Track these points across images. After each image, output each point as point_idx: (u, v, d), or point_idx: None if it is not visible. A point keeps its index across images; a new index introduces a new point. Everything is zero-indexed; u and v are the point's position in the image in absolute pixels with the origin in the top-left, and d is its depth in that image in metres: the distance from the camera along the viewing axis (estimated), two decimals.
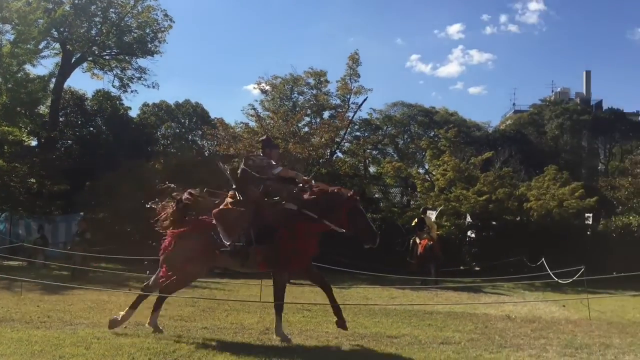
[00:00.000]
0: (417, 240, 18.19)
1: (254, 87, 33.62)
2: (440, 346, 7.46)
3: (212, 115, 40.30)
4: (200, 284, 15.19)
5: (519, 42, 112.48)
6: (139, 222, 22.87)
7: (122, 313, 7.58)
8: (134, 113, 38.74)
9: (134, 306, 7.60)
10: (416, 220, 19.14)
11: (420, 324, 9.31)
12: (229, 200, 7.49)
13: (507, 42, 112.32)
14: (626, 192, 20.69)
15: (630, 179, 21.32)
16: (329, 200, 7.36)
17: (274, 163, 7.65)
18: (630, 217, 21.82)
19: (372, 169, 39.04)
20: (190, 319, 9.11)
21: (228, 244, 7.15)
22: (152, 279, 7.80)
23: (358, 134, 37.19)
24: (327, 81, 31.23)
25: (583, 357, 7.13)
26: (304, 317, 9.72)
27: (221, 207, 7.39)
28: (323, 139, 23.27)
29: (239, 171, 7.65)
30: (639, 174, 21.44)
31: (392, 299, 13.55)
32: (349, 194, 7.50)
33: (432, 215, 23.55)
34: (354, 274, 16.12)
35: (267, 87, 31.54)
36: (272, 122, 24.03)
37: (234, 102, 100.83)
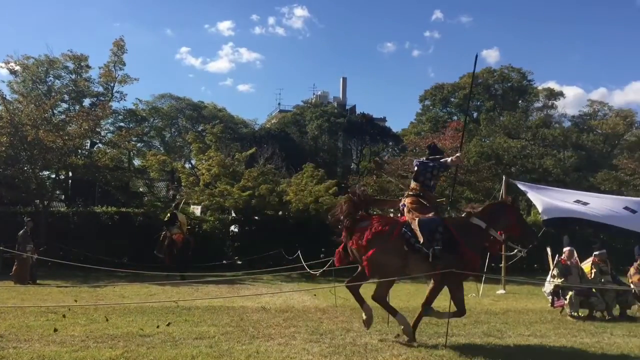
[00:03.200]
0: (168, 235, 18.01)
1: (1, 67, 29.83)
2: (194, 341, 7.44)
3: None
4: None
5: (286, 44, 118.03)
6: None
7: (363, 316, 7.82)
8: None
9: (361, 301, 7.87)
10: (168, 215, 18.90)
11: (176, 320, 9.17)
12: (413, 206, 7.65)
13: (275, 44, 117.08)
14: (371, 190, 22.99)
15: (375, 178, 23.74)
16: (497, 211, 7.96)
17: (445, 160, 8.08)
18: (374, 213, 24.31)
19: (136, 162, 37.55)
20: None
21: (429, 248, 7.28)
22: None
23: (122, 124, 35.49)
24: (88, 67, 29.21)
25: (326, 341, 7.71)
26: (48, 320, 8.91)
27: (415, 213, 7.53)
28: (82, 128, 21.59)
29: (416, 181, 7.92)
30: (382, 173, 24.00)
31: (151, 296, 13.12)
32: (509, 202, 8.28)
33: (197, 210, 23.49)
34: (112, 271, 15.33)
35: (17, 68, 28.28)
36: (21, 106, 21.57)
37: None
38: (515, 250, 8.22)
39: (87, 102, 29.31)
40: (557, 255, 11.65)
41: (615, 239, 20.83)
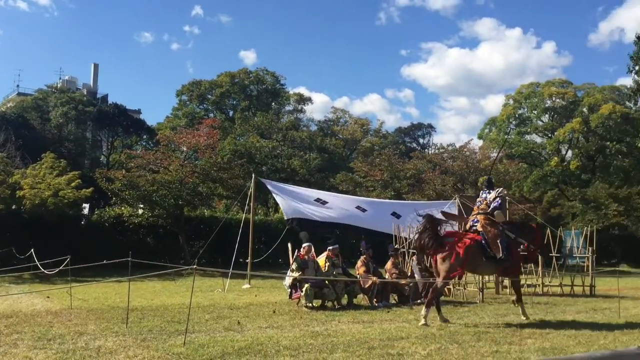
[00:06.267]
0: None
1: None
2: None
3: None
4: None
5: (28, 21, 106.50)
6: None
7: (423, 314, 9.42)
8: None
9: (428, 305, 9.57)
10: None
11: None
12: (486, 222, 10.14)
13: (15, 19, 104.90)
14: (120, 184, 21.85)
15: (124, 172, 22.68)
16: (529, 229, 10.97)
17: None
18: (123, 208, 23.23)
19: None
20: None
21: (500, 255, 9.79)
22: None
23: None
24: None
25: (54, 347, 7.09)
26: None
27: (487, 227, 10.07)
28: None
29: (494, 204, 10.40)
30: (133, 167, 23.00)
31: None
32: (535, 224, 11.84)
33: None
34: None
35: None
36: None
37: None
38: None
39: None
40: (297, 250, 12.42)
41: (348, 235, 23.11)
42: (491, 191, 10.73)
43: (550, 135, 45.66)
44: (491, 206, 10.44)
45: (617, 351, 2.84)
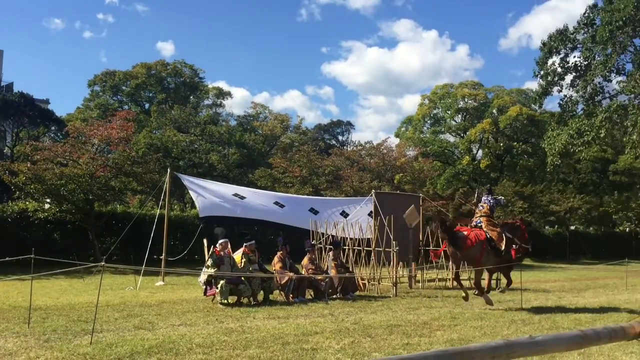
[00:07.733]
0: None
1: None
2: None
3: None
4: None
5: None
6: None
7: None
8: None
9: (460, 285, 11.89)
10: None
11: None
12: (489, 222, 11.82)
13: None
14: (24, 178, 20.66)
15: (29, 165, 21.47)
16: (517, 227, 12.31)
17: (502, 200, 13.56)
18: (27, 203, 22.00)
19: None
20: None
21: (503, 248, 11.45)
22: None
23: None
24: None
25: None
26: None
27: (489, 227, 11.71)
28: None
29: (486, 206, 12.24)
30: (39, 160, 21.82)
31: None
32: (519, 222, 12.82)
33: None
34: None
35: None
36: None
37: None
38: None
39: None
40: (212, 247, 12.23)
41: (266, 231, 23.04)
42: (490, 197, 12.55)
43: (462, 134, 47.48)
44: (493, 203, 12.39)
45: (509, 341, 2.97)
